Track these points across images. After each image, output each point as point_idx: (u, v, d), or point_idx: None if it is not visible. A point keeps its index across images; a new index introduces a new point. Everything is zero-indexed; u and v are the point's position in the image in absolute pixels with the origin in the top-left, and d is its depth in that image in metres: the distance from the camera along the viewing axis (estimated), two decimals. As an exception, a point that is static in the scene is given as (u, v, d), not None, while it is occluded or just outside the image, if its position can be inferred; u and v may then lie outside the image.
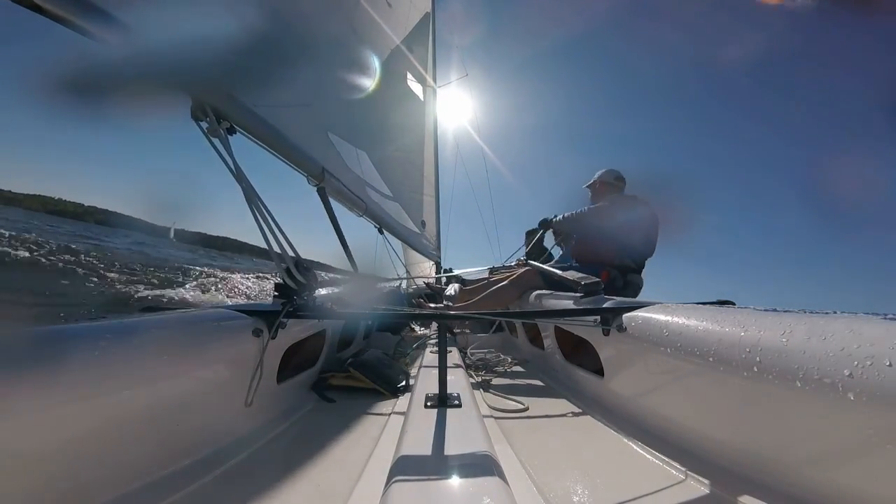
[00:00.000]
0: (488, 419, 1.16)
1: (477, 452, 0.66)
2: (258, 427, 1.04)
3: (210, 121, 1.05)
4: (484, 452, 0.66)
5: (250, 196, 1.08)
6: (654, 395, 1.03)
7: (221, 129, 1.07)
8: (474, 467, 0.61)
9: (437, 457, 0.65)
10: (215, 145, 1.06)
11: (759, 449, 0.72)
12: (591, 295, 1.50)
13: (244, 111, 1.18)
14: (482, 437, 0.73)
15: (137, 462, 0.71)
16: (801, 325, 0.67)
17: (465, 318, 1.52)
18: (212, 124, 1.05)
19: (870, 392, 0.53)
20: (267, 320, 1.08)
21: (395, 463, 0.65)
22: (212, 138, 1.06)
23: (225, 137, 1.08)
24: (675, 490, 0.75)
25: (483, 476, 0.58)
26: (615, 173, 2.61)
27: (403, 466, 0.62)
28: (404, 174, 3.54)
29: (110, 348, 0.68)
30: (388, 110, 3.30)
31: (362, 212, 2.09)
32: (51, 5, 0.69)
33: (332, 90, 2.06)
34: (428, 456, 0.66)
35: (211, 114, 1.05)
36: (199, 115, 1.05)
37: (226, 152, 1.07)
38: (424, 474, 0.59)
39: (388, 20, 3.10)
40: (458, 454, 0.66)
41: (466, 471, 0.60)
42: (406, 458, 0.65)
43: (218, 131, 1.06)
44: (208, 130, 1.06)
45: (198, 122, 1.06)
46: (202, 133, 1.06)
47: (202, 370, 0.88)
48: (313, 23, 1.85)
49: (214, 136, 1.06)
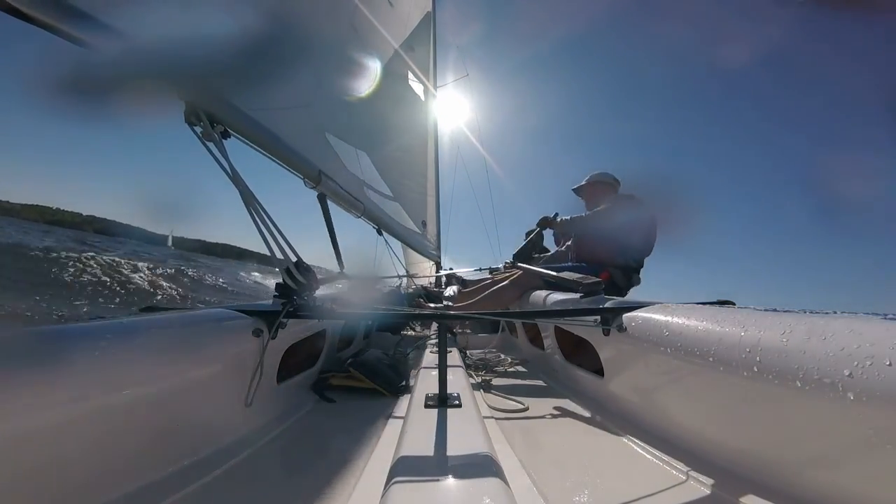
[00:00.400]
0: (488, 419, 1.16)
1: (477, 453, 0.66)
2: (258, 427, 1.04)
3: (204, 125, 1.04)
4: (484, 453, 0.66)
5: (248, 198, 1.08)
6: (654, 395, 1.03)
7: (216, 133, 1.07)
8: (474, 467, 0.61)
9: (437, 457, 0.65)
10: (210, 149, 1.06)
11: (759, 449, 0.72)
12: (591, 295, 1.50)
13: (238, 115, 1.18)
14: (482, 438, 0.73)
15: (137, 462, 0.71)
16: (801, 325, 0.67)
17: (465, 318, 1.52)
18: (206, 129, 1.04)
19: (870, 392, 0.53)
20: (267, 320, 1.08)
21: (395, 463, 0.65)
22: (206, 142, 1.06)
23: (220, 141, 1.07)
24: (676, 490, 0.75)
25: (483, 476, 0.58)
26: (610, 175, 2.64)
27: (403, 466, 0.62)
28: (405, 174, 3.54)
29: (110, 348, 0.67)
30: (389, 110, 3.30)
31: (360, 213, 2.09)
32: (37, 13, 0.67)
33: (331, 91, 2.06)
34: (428, 456, 0.66)
35: (204, 118, 1.04)
36: (192, 119, 1.04)
37: (221, 156, 1.06)
38: (424, 474, 0.59)
39: (389, 20, 3.10)
40: (458, 454, 0.66)
41: (466, 471, 0.60)
42: (406, 458, 0.65)
43: (212, 135, 1.05)
44: (202, 135, 1.05)
45: (192, 127, 1.05)
46: (196, 137, 1.05)
47: (202, 370, 0.88)
48: (313, 23, 1.85)
49: (209, 140, 1.05)
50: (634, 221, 2.36)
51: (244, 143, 1.27)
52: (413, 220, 3.57)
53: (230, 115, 1.14)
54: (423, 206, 4.18)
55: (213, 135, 1.06)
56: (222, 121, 1.11)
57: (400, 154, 3.45)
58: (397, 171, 3.30)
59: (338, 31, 2.17)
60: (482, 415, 0.91)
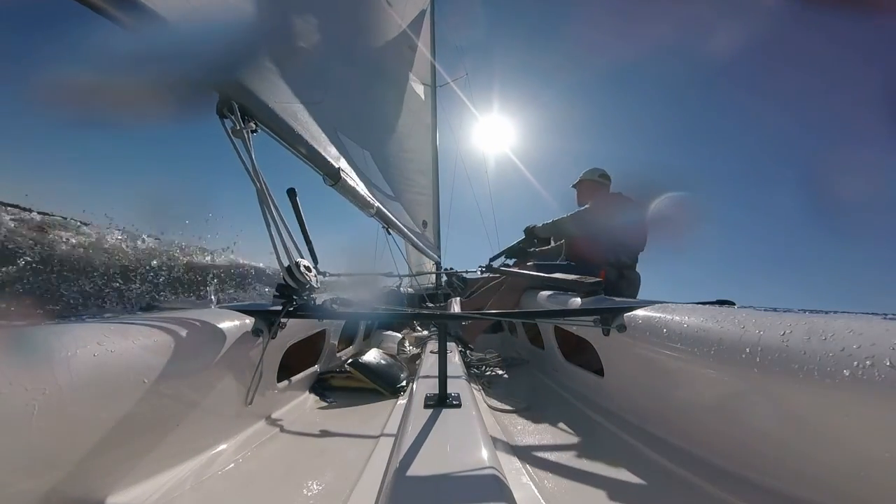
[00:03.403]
0: (488, 419, 1.16)
1: (476, 452, 0.66)
2: (258, 427, 1.04)
3: (235, 118, 1.02)
4: (484, 453, 0.66)
5: (263, 197, 1.07)
6: (654, 395, 1.03)
7: (246, 129, 1.04)
8: (474, 467, 0.61)
9: (437, 457, 0.65)
10: (235, 144, 1.03)
11: (759, 449, 0.71)
12: (591, 295, 1.50)
13: (268, 109, 1.15)
14: (482, 437, 0.73)
15: (137, 462, 0.71)
16: (801, 325, 0.67)
17: (464, 318, 1.52)
18: (237, 121, 1.02)
19: (870, 392, 0.53)
20: (267, 320, 1.08)
21: (394, 463, 0.65)
22: (234, 137, 1.03)
23: (248, 136, 1.05)
24: (676, 490, 0.75)
25: (483, 476, 0.58)
26: (599, 171, 2.66)
27: (403, 466, 0.62)
28: (406, 174, 3.54)
29: (110, 348, 0.68)
30: (390, 110, 3.30)
31: (373, 212, 2.07)
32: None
33: (339, 90, 2.05)
34: (427, 456, 0.66)
35: (237, 110, 1.02)
36: (224, 111, 1.02)
37: (245, 151, 1.04)
38: (424, 474, 0.59)
39: (389, 20, 3.10)
40: (458, 454, 0.66)
41: (466, 471, 0.60)
42: (405, 459, 0.65)
43: (241, 131, 1.03)
44: (232, 129, 1.03)
45: (222, 119, 1.03)
46: (224, 131, 1.03)
47: (202, 370, 0.88)
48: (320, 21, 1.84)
49: (237, 135, 1.03)
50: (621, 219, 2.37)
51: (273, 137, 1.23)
52: (414, 220, 3.57)
53: (261, 110, 1.12)
54: (423, 206, 4.18)
55: (243, 128, 1.03)
56: (254, 114, 1.09)
57: (401, 153, 3.44)
58: (398, 170, 3.30)
59: (338, 30, 2.17)
60: (482, 415, 0.91)
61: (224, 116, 1.03)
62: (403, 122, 3.64)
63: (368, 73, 2.55)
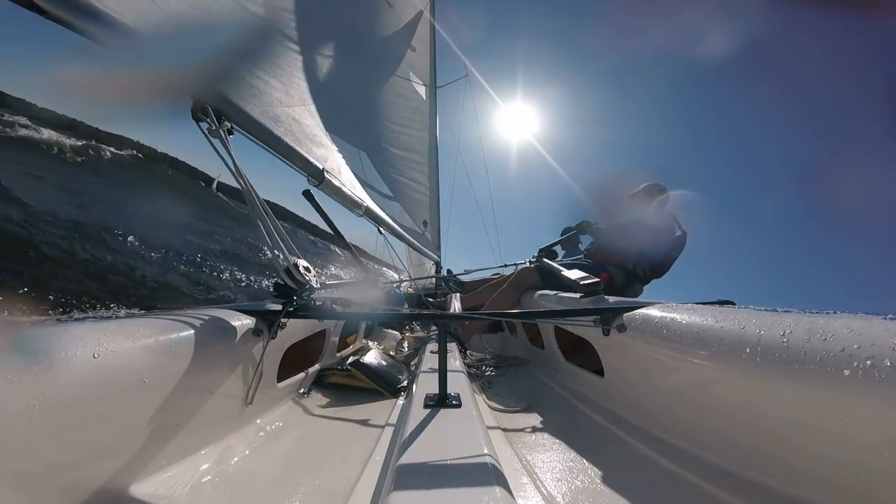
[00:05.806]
0: (488, 419, 1.16)
1: (476, 452, 0.66)
2: (258, 426, 1.04)
3: (210, 121, 1.05)
4: (483, 452, 0.66)
5: (249, 196, 1.08)
6: (654, 395, 1.03)
7: (221, 129, 1.07)
8: (474, 467, 0.61)
9: (437, 457, 0.65)
10: (215, 146, 1.06)
11: (759, 449, 0.71)
12: (590, 295, 1.50)
13: (243, 112, 1.19)
14: (482, 437, 0.73)
15: (137, 462, 0.71)
16: (801, 325, 0.67)
17: (464, 318, 1.52)
18: (212, 124, 1.05)
19: (870, 392, 0.53)
20: (267, 320, 1.08)
21: (394, 463, 0.65)
22: (212, 139, 1.06)
23: (225, 138, 1.08)
24: (676, 490, 0.75)
25: (482, 476, 0.58)
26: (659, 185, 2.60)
27: (402, 467, 0.62)
28: (405, 174, 3.54)
29: (110, 348, 0.68)
30: (389, 110, 3.30)
31: (362, 212, 2.09)
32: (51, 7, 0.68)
33: (332, 90, 2.05)
34: (427, 456, 0.66)
35: (211, 114, 1.05)
36: (199, 115, 1.05)
37: (225, 152, 1.07)
38: (423, 475, 0.59)
39: (389, 20, 3.10)
40: (458, 454, 0.66)
41: (465, 471, 0.60)
42: (405, 458, 0.65)
43: (218, 132, 1.06)
44: (208, 131, 1.06)
45: (198, 123, 1.06)
46: (202, 133, 1.06)
47: (202, 370, 0.88)
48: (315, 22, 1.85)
49: (214, 136, 1.06)
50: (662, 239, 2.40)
51: (250, 139, 1.28)
52: (414, 221, 3.57)
53: (236, 112, 1.16)
54: (423, 206, 4.17)
55: (218, 131, 1.07)
56: (229, 117, 1.12)
57: (401, 154, 3.44)
58: (398, 170, 3.30)
59: (338, 30, 2.17)
60: (482, 415, 0.91)
61: (199, 120, 1.06)
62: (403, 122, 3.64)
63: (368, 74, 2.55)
